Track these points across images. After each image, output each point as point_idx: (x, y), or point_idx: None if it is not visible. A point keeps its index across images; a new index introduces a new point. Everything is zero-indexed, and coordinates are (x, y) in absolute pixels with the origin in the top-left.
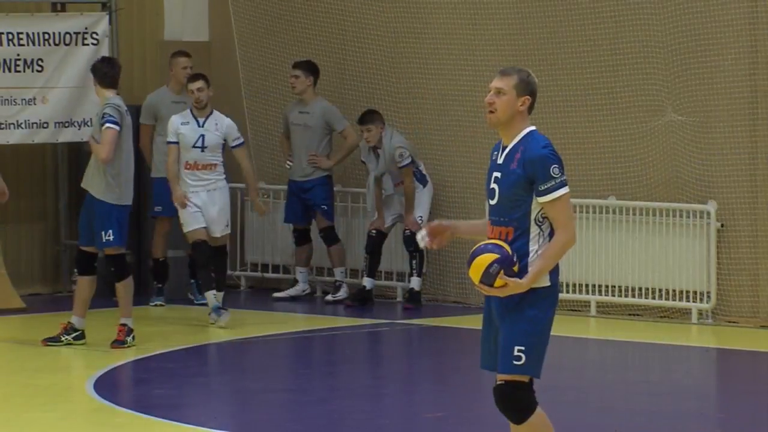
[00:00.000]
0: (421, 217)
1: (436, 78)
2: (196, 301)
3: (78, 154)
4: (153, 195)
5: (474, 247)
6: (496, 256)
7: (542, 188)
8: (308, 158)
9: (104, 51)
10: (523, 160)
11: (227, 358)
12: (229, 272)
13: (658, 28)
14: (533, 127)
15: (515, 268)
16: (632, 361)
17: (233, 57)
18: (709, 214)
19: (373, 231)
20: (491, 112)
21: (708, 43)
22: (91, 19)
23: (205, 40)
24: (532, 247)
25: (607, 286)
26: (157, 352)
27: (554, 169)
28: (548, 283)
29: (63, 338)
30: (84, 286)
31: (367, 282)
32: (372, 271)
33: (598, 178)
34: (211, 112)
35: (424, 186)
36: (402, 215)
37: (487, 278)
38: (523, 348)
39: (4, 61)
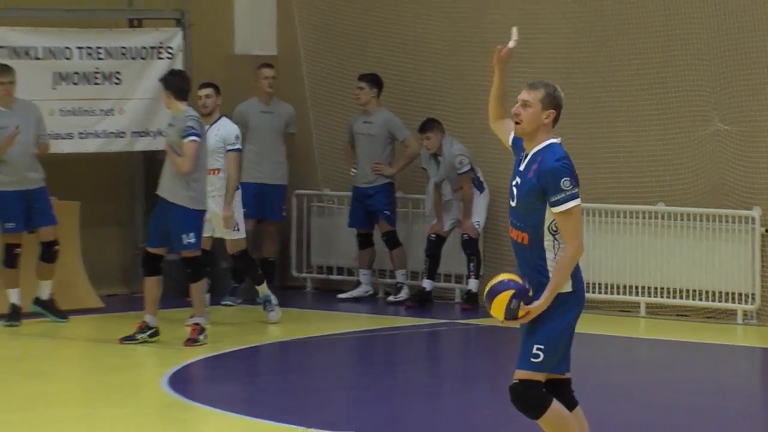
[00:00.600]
0: (479, 222)
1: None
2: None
3: (152, 163)
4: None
5: (488, 288)
6: (512, 291)
7: (553, 200)
8: (371, 166)
9: (178, 65)
10: (539, 171)
11: (293, 356)
12: (295, 274)
13: (706, 41)
14: (555, 140)
15: (530, 294)
16: (680, 360)
17: (299, 70)
18: (753, 219)
19: (433, 235)
20: (517, 123)
21: (754, 56)
22: (165, 34)
23: (273, 54)
24: (548, 254)
25: (656, 288)
26: (228, 350)
27: (565, 182)
28: (570, 289)
29: (138, 336)
30: (152, 285)
31: (426, 284)
32: (431, 274)
33: (647, 185)
34: (218, 119)
35: (481, 192)
36: (460, 220)
37: (510, 314)
38: (542, 347)
39: (84, 74)
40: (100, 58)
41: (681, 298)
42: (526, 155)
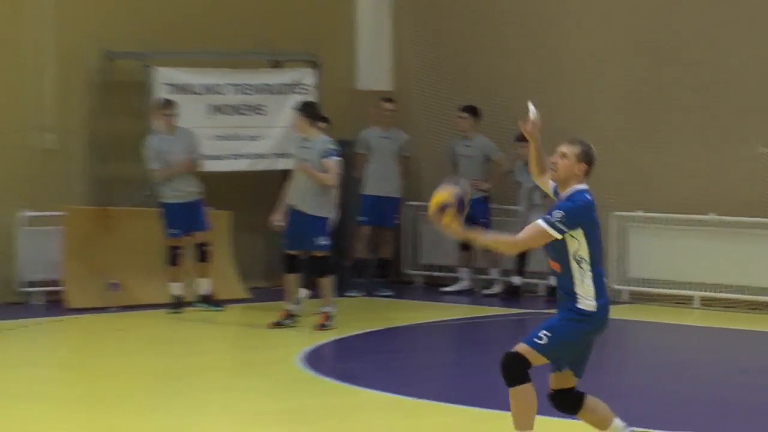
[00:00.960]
0: None
1: (571, 114)
2: (380, 294)
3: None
4: (361, 207)
5: (441, 186)
6: (453, 194)
7: (546, 215)
8: (470, 182)
9: (311, 99)
10: None
11: (405, 338)
12: (407, 271)
13: (750, 76)
14: (583, 186)
15: (465, 208)
16: (728, 344)
17: (411, 102)
18: None
19: None
20: (553, 170)
21: None
22: (301, 73)
23: (390, 89)
24: (576, 281)
25: (707, 284)
26: (351, 334)
27: (557, 213)
28: (594, 309)
29: (285, 322)
30: (291, 281)
31: (516, 279)
32: (521, 271)
33: (701, 198)
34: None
35: None
36: None
37: (440, 212)
38: (549, 334)
39: (234, 106)
40: (247, 93)
41: (729, 292)
42: (559, 199)
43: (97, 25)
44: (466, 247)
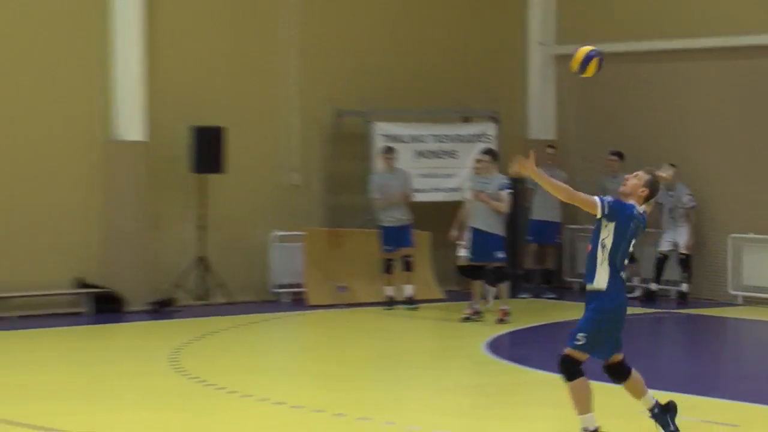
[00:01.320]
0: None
1: (697, 157)
2: (545, 297)
3: None
4: (529, 229)
5: (592, 47)
6: (594, 48)
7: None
8: None
9: (493, 146)
10: None
11: (565, 330)
12: (567, 278)
13: None
14: (637, 204)
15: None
16: None
17: (570, 147)
18: None
19: (660, 253)
20: (623, 184)
21: None
22: (485, 126)
23: (554, 138)
24: (599, 262)
25: None
26: (524, 327)
27: (610, 199)
28: (603, 288)
29: (473, 317)
30: (476, 286)
31: (653, 286)
32: (657, 279)
33: None
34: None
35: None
36: (676, 242)
37: (586, 61)
38: (585, 335)
39: (434, 151)
40: (443, 142)
41: None
42: None
43: (331, 91)
44: None
